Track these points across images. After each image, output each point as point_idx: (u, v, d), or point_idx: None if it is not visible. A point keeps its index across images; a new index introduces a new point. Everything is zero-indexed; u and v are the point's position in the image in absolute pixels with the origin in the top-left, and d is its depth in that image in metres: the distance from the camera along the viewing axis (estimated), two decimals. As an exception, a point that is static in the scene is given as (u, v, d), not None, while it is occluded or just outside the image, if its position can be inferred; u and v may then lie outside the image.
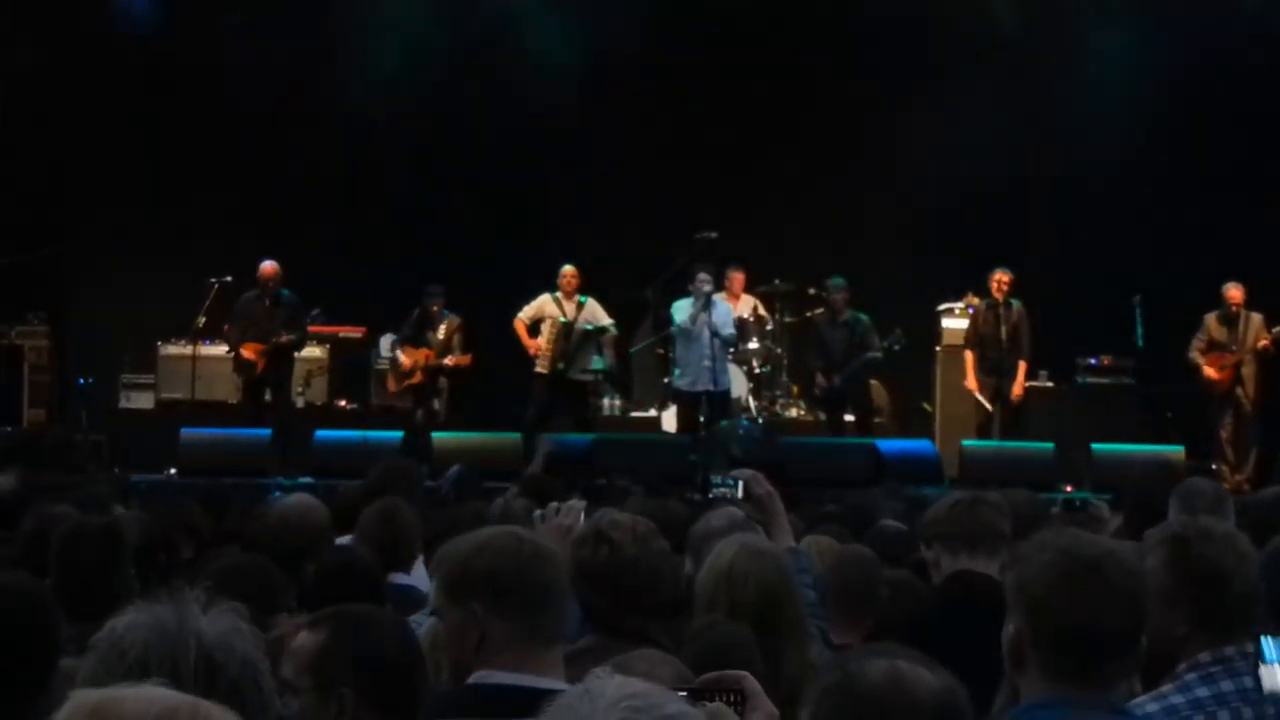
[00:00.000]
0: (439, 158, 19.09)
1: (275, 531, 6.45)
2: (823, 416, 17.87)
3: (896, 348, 17.07)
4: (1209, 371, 16.62)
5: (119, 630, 2.61)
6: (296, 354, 17.47)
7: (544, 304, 17.23)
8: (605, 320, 17.27)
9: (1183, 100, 18.35)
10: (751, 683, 3.19)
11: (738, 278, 17.86)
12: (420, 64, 19.39)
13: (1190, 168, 18.35)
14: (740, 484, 5.68)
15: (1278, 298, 16.64)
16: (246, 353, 16.93)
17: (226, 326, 17.30)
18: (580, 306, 17.18)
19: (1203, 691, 4.08)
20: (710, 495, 5.95)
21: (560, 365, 17.10)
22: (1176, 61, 18.40)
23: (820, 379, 17.24)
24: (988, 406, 17.02)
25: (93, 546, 5.31)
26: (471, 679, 3.78)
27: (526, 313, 17.21)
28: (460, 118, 19.16)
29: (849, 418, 17.51)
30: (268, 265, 17.03)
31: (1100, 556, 3.46)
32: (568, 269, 17.21)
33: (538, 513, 5.24)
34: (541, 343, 17.13)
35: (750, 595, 4.79)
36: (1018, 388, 16.97)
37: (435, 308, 17.34)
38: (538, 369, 17.12)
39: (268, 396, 17.23)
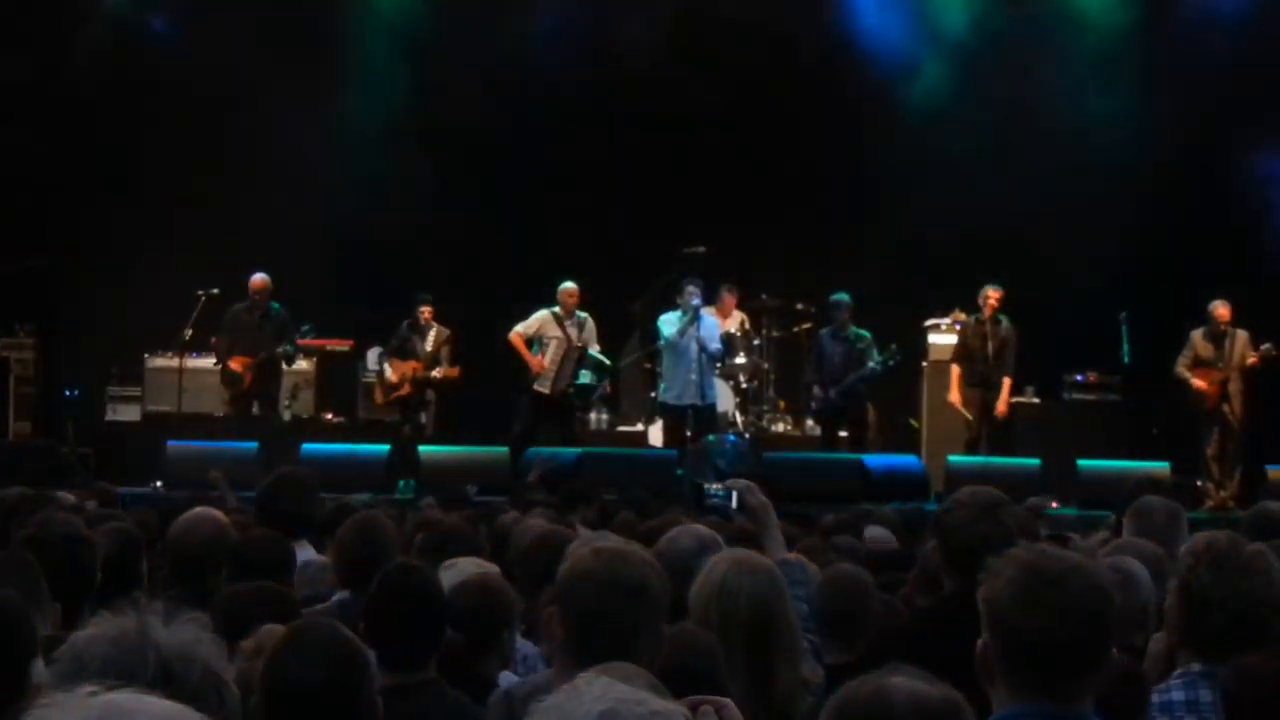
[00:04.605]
0: (427, 170, 19.06)
1: (175, 542, 6.48)
2: (817, 430, 17.86)
3: (892, 363, 17.07)
4: (1199, 382, 16.62)
5: (79, 643, 2.62)
6: (287, 367, 17.46)
7: (545, 322, 17.00)
8: (596, 345, 17.13)
9: (1167, 116, 18.39)
10: (733, 711, 3.18)
11: (730, 299, 17.88)
12: (413, 75, 19.42)
13: (1176, 183, 18.39)
14: (734, 495, 5.66)
15: (1261, 314, 16.68)
16: (234, 366, 16.93)
17: (215, 339, 17.30)
18: (580, 326, 17.10)
19: (1178, 695, 4.15)
20: (704, 504, 5.92)
21: (569, 389, 17.00)
22: (1160, 78, 18.48)
23: (817, 390, 17.23)
24: (968, 417, 17.03)
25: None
26: None
27: (526, 329, 16.99)
28: (450, 130, 19.15)
29: (843, 433, 17.49)
30: (258, 278, 17.02)
31: (1063, 571, 3.49)
32: (570, 286, 16.98)
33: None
34: (545, 362, 16.97)
35: (742, 610, 4.78)
36: (1002, 404, 16.97)
37: (425, 315, 17.26)
38: (538, 388, 16.95)
39: (255, 409, 17.21)
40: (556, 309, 17.04)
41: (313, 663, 3.71)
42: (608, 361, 17.44)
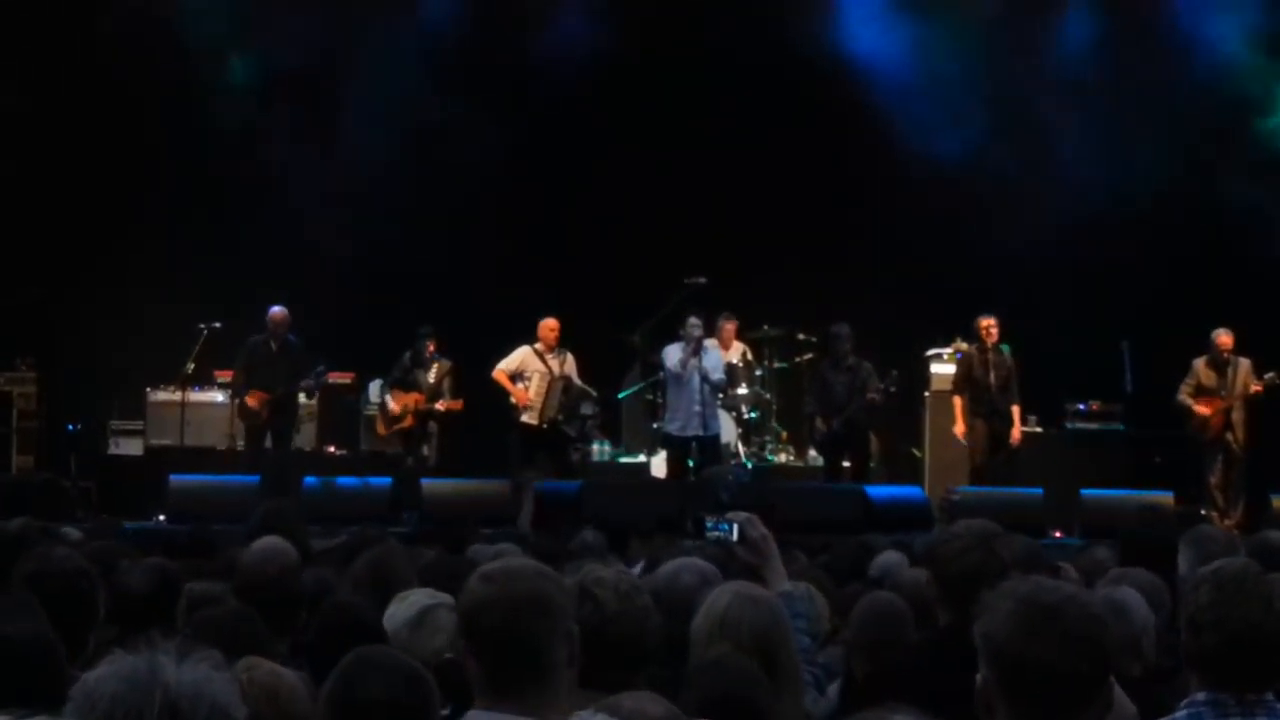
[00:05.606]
0: (427, 202, 19.09)
1: (246, 573, 6.46)
2: (819, 460, 17.82)
3: (893, 390, 17.06)
4: (1200, 407, 16.62)
5: (91, 681, 2.61)
6: (306, 400, 17.50)
7: (526, 358, 17.06)
8: (577, 379, 17.18)
9: (1171, 143, 18.43)
10: None
11: (729, 328, 17.86)
12: (408, 106, 19.42)
13: (1176, 211, 18.41)
14: (735, 527, 5.66)
15: (1265, 342, 16.68)
16: (251, 402, 16.89)
17: (232, 373, 17.30)
18: (562, 360, 17.12)
19: None
20: (705, 537, 5.92)
21: (560, 418, 17.01)
22: (1163, 102, 18.53)
23: (819, 423, 17.20)
24: (968, 447, 16.97)
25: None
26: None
27: (509, 364, 17.04)
28: (450, 161, 19.17)
29: (846, 464, 17.46)
30: (277, 311, 17.02)
31: (1060, 602, 3.48)
32: (550, 321, 17.06)
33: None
34: (531, 395, 17.00)
35: (744, 643, 4.78)
36: (1016, 433, 16.92)
37: (429, 348, 17.27)
38: (526, 419, 16.98)
39: (268, 442, 17.18)
40: (537, 344, 17.08)
41: (385, 682, 3.71)
42: (593, 392, 17.45)
